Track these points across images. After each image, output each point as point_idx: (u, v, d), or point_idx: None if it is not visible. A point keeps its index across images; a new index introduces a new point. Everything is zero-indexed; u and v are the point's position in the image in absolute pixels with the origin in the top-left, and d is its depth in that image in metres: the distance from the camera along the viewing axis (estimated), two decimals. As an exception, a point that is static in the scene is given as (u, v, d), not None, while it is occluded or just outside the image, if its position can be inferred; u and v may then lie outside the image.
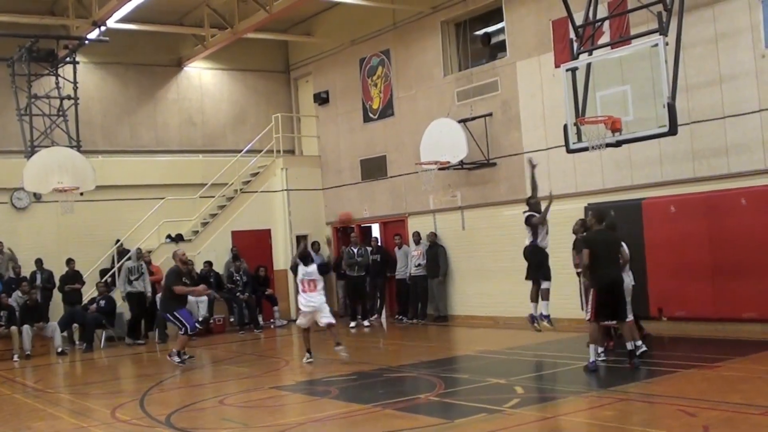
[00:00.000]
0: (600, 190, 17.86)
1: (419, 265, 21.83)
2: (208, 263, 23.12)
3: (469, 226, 21.09)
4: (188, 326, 16.75)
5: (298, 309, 16.67)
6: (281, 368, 16.25)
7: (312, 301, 15.62)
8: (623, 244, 13.78)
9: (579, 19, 15.84)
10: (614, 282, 13.03)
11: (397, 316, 22.73)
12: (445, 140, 20.26)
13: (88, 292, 22.18)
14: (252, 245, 24.37)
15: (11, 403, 14.07)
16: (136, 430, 10.99)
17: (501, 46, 20.80)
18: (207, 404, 12.68)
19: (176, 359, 16.67)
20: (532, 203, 15.35)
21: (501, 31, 20.78)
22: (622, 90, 14.58)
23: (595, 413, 10.33)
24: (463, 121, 20.49)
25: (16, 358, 19.59)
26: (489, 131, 20.39)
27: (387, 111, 23.81)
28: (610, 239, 13.35)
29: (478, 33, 21.76)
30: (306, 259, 15.98)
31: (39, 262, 21.98)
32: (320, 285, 15.80)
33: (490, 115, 20.39)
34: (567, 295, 16.75)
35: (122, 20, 22.23)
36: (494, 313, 20.27)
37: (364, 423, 10.47)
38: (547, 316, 15.11)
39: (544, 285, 15.01)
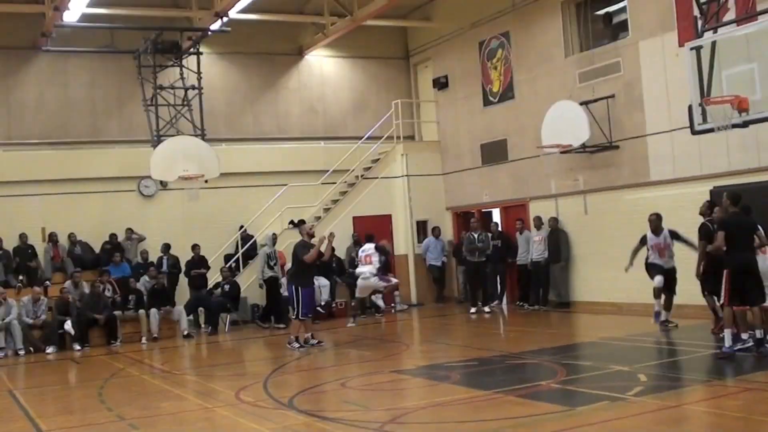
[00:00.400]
0: (726, 173, 17.28)
1: (541, 251, 21.56)
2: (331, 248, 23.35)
3: (592, 210, 20.73)
4: (300, 311, 16.82)
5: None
6: (402, 352, 16.31)
7: (362, 270, 19.33)
8: (759, 227, 13.32)
9: (703, -5, 15.38)
10: (748, 265, 12.59)
11: (518, 302, 22.53)
12: (566, 123, 19.95)
13: (213, 277, 22.69)
14: (373, 230, 24.45)
15: (139, 384, 14.52)
16: (259, 412, 11.17)
17: (623, 26, 20.35)
18: (329, 387, 12.84)
19: (295, 345, 16.80)
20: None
21: (623, 10, 20.33)
22: (748, 68, 14.05)
23: (721, 403, 10.05)
24: (584, 103, 20.14)
25: (143, 340, 20.29)
26: (611, 113, 19.97)
27: (507, 94, 23.57)
28: (746, 222, 12.94)
29: (599, 13, 21.33)
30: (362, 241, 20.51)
31: (166, 248, 22.60)
32: (375, 260, 19.30)
33: (613, 96, 19.96)
34: (692, 281, 16.30)
35: (243, 10, 22.60)
36: (617, 299, 19.86)
37: (485, 409, 10.41)
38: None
39: None
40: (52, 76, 23.92)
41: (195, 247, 22.42)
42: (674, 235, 16.26)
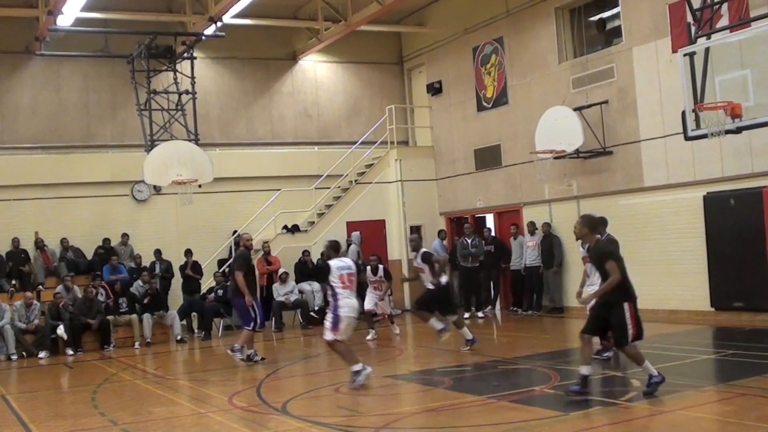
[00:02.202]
0: (719, 179, 17.36)
1: (534, 257, 21.58)
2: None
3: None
4: (257, 322, 15.92)
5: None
6: (396, 357, 16.28)
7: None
8: None
9: (696, 2, 15.42)
10: None
11: (511, 308, 22.55)
12: (560, 128, 19.98)
13: (207, 282, 22.65)
14: (367, 235, 24.47)
15: (132, 389, 14.47)
16: (252, 417, 11.15)
17: (616, 32, 20.42)
18: (322, 392, 12.78)
19: (238, 355, 15.79)
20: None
21: (616, 16, 20.40)
22: (741, 74, 14.10)
23: (714, 408, 10.06)
24: (578, 109, 20.17)
25: (137, 345, 20.22)
26: (605, 119, 20.02)
27: (501, 99, 23.61)
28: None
29: (593, 19, 21.39)
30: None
31: (158, 253, 22.58)
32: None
33: (606, 102, 20.02)
34: (687, 286, 16.33)
35: (237, 15, 22.58)
36: (611, 304, 19.88)
37: (479, 414, 10.40)
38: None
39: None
40: (45, 81, 23.88)
41: (188, 252, 22.39)
42: (426, 258, 16.20)
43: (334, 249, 13.30)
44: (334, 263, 12.86)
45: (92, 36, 23.44)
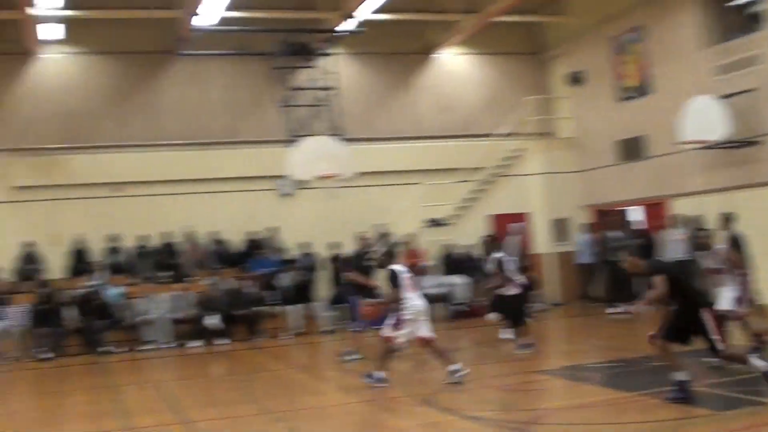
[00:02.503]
0: None
1: (683, 251, 21.06)
2: (468, 247, 23.49)
3: (735, 208, 20.14)
4: (362, 325, 16.24)
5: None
6: (545, 352, 16.12)
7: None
8: None
9: None
10: None
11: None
12: (706, 118, 19.44)
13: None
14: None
15: (282, 378, 14.88)
16: (399, 408, 11.36)
17: (762, 17, 19.74)
18: (467, 386, 12.68)
19: (352, 357, 15.86)
20: None
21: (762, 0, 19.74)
22: None
23: None
24: (724, 97, 19.61)
25: (285, 335, 20.71)
26: (753, 107, 19.40)
27: (643, 89, 23.17)
28: None
29: (737, 3, 20.75)
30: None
31: (304, 245, 22.97)
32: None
33: (754, 89, 19.38)
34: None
35: (376, 11, 22.83)
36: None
37: (629, 411, 10.27)
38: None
39: None
40: (190, 79, 24.65)
41: (335, 245, 22.56)
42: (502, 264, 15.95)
43: (389, 256, 13.45)
44: (397, 268, 12.90)
45: (232, 34, 23.99)
